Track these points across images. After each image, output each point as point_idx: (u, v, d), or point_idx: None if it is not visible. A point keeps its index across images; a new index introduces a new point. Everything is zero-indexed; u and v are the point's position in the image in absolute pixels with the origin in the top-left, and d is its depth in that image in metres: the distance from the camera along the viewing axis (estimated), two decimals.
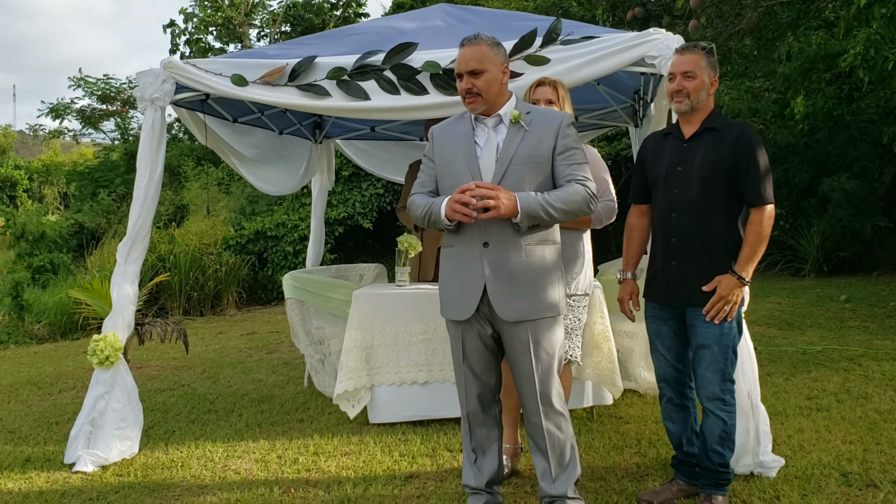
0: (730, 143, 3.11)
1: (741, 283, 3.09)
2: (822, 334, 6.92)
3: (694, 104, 3.16)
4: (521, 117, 2.94)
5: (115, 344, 4.07)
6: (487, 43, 2.93)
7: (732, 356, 3.17)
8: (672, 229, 3.19)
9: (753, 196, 3.09)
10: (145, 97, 4.01)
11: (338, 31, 4.75)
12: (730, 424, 3.18)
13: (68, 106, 18.18)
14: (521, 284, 2.92)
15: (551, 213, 2.84)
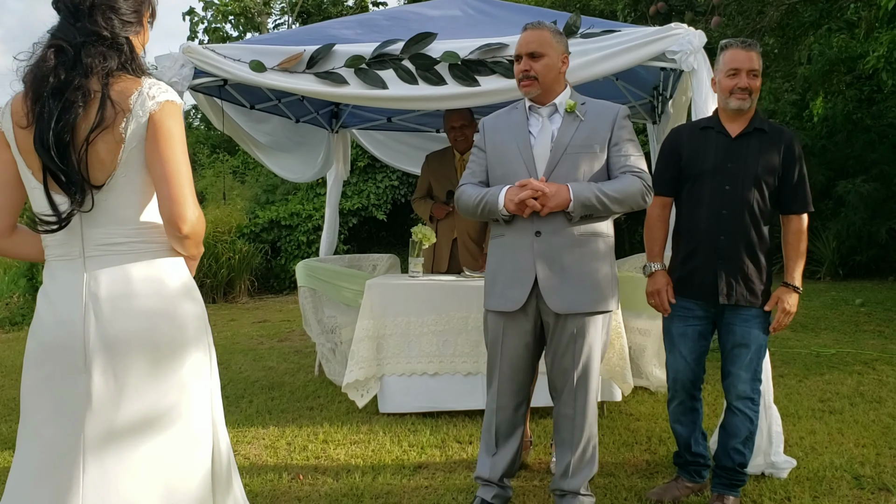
0: (781, 149, 3.08)
1: (796, 292, 3.13)
2: (836, 337, 6.87)
3: (752, 102, 3.12)
4: (577, 107, 2.92)
5: None
6: (550, 30, 2.93)
7: (763, 357, 3.17)
8: (722, 228, 3.09)
9: (800, 203, 3.11)
10: (164, 81, 4.01)
11: (357, 17, 4.74)
12: (755, 425, 3.17)
13: None
14: (573, 276, 2.88)
15: (605, 204, 2.80)
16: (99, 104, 1.80)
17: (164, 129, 1.84)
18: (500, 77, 3.77)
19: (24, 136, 1.85)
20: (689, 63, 3.69)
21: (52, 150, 1.79)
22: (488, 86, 3.79)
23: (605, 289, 2.93)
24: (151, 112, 1.82)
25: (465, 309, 4.39)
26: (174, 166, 1.85)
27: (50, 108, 1.79)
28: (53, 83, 1.80)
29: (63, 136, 1.79)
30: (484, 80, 3.77)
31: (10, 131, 1.89)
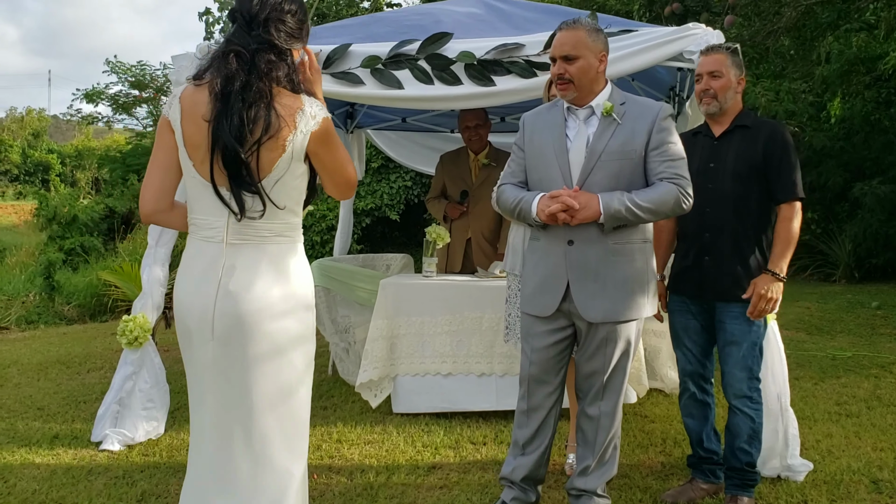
0: (761, 140, 3.14)
1: (777, 279, 3.08)
2: (852, 340, 6.81)
3: (722, 104, 3.18)
4: (615, 109, 2.83)
5: (145, 325, 4.10)
6: (586, 28, 2.82)
7: (759, 354, 3.17)
8: (706, 225, 3.19)
9: (783, 191, 3.12)
10: (180, 81, 4.03)
11: (372, 17, 4.74)
12: (757, 423, 3.17)
13: (102, 91, 18.38)
14: (606, 284, 2.84)
15: (638, 214, 2.72)
16: (266, 112, 2.01)
17: (327, 140, 2.13)
18: (516, 77, 3.77)
19: (193, 131, 2.06)
20: None
21: (237, 144, 1.99)
22: (504, 86, 3.79)
23: (639, 295, 2.91)
24: (313, 131, 2.08)
25: (478, 309, 4.39)
26: (341, 161, 2.20)
27: (235, 106, 1.99)
28: (238, 85, 2.01)
29: (242, 133, 2.00)
30: (500, 80, 3.77)
31: (177, 122, 2.08)
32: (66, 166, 38.00)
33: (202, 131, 2.04)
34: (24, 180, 37.59)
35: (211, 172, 2.05)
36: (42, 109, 45.02)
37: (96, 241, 13.30)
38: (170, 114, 2.11)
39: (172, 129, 2.11)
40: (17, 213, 26.04)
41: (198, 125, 2.05)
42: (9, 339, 8.29)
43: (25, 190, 34.06)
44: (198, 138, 2.05)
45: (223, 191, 2.07)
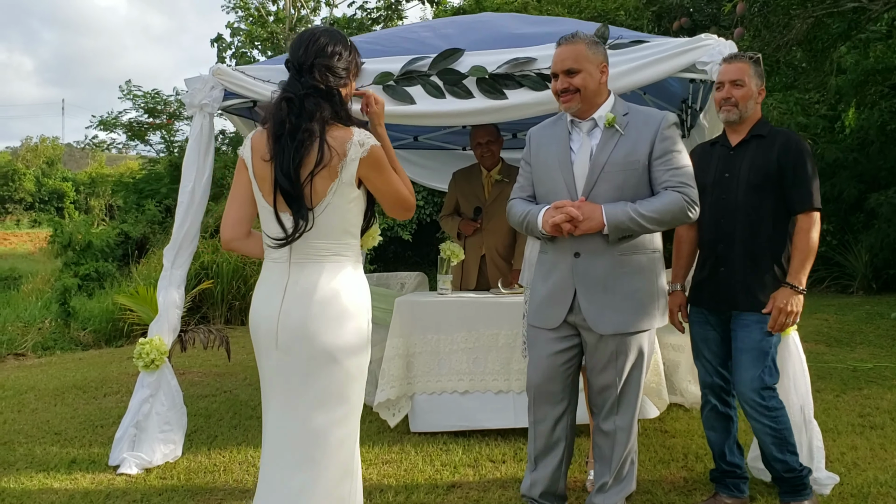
0: (777, 149, 3.11)
1: (796, 292, 3.04)
2: (872, 351, 6.73)
3: (742, 113, 3.17)
4: (617, 120, 2.83)
5: (161, 347, 4.10)
6: (585, 42, 2.84)
7: (771, 364, 3.12)
8: (720, 235, 3.18)
9: (800, 202, 3.08)
10: (194, 103, 4.06)
11: (383, 34, 4.75)
12: (778, 428, 3.10)
13: (116, 118, 18.56)
14: (615, 295, 2.83)
15: (642, 224, 2.71)
16: (318, 146, 2.31)
17: (377, 166, 2.40)
18: (529, 90, 3.77)
19: (261, 166, 2.38)
20: None
21: (289, 178, 2.30)
22: (516, 99, 3.78)
23: (649, 306, 2.88)
24: (362, 157, 2.35)
25: (495, 326, 4.36)
26: (393, 185, 2.46)
27: (287, 146, 2.31)
28: (288, 127, 2.32)
29: (297, 169, 2.30)
30: (512, 94, 3.76)
31: (249, 159, 2.43)
32: (81, 193, 38.38)
33: (266, 168, 2.37)
34: (38, 208, 37.98)
35: (274, 201, 2.37)
36: (56, 138, 45.55)
37: (111, 267, 13.36)
38: (243, 153, 2.47)
39: (246, 167, 2.45)
40: (32, 241, 26.24)
41: (262, 163, 2.38)
42: (25, 365, 8.31)
43: (40, 218, 34.38)
44: (263, 173, 2.38)
45: (284, 216, 2.37)
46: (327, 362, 2.37)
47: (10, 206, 38.60)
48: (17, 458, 4.31)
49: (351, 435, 2.47)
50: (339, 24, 18.88)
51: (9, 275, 16.44)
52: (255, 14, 18.54)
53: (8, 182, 38.69)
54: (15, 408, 5.64)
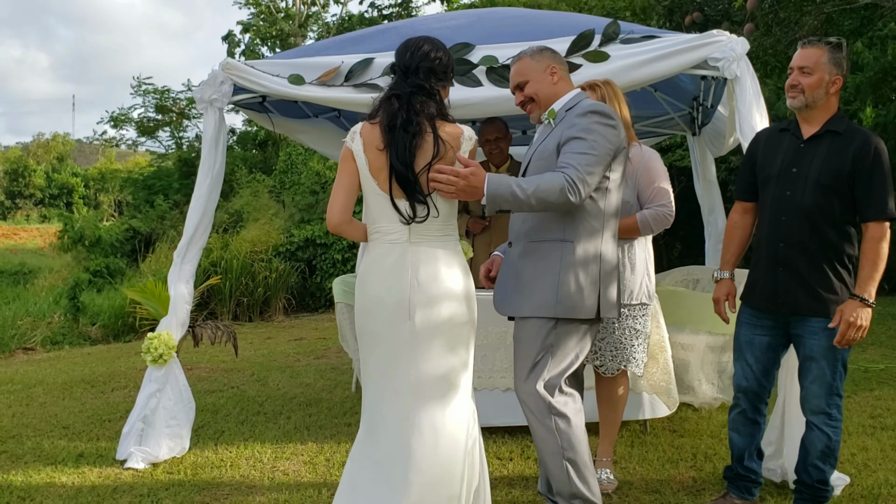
0: (852, 151, 2.91)
1: (865, 305, 2.86)
2: (884, 352, 6.68)
3: (808, 101, 2.97)
4: (558, 114, 2.93)
5: (169, 342, 4.10)
6: (528, 55, 3.02)
7: (842, 370, 3.00)
8: (781, 234, 3.02)
9: (874, 209, 2.90)
10: (204, 99, 4.05)
11: (393, 25, 4.73)
12: (834, 440, 3.02)
13: (127, 115, 18.64)
14: (521, 281, 2.91)
15: (521, 199, 2.63)
16: (434, 140, 2.63)
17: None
18: None
19: (375, 156, 2.65)
20: (732, 70, 3.62)
21: (406, 167, 2.60)
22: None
23: (545, 293, 2.83)
24: (470, 149, 2.72)
25: (503, 324, 4.32)
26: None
27: (401, 137, 2.60)
28: (401, 121, 2.61)
29: (412, 159, 2.61)
30: None
31: (360, 152, 2.68)
32: (90, 189, 38.51)
33: (381, 158, 2.64)
34: (48, 203, 38.13)
35: (390, 188, 2.64)
36: (67, 134, 45.73)
37: (121, 262, 13.40)
38: (352, 146, 2.70)
39: (354, 158, 2.70)
40: (42, 237, 26.34)
41: (376, 153, 2.64)
42: (34, 359, 8.35)
43: (50, 213, 34.53)
44: (379, 163, 2.65)
45: (399, 202, 2.65)
46: (452, 329, 2.71)
47: (20, 201, 38.78)
48: (25, 451, 4.32)
49: (467, 401, 2.80)
50: (352, 22, 18.90)
51: (18, 269, 16.51)
52: (266, 11, 18.57)
53: (18, 178, 38.86)
54: (23, 401, 5.66)
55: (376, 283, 2.73)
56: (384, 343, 2.73)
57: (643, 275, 3.62)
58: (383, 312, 2.71)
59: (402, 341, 2.70)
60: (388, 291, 2.69)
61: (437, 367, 2.70)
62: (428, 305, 2.67)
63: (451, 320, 2.71)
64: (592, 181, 2.72)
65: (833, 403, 3.00)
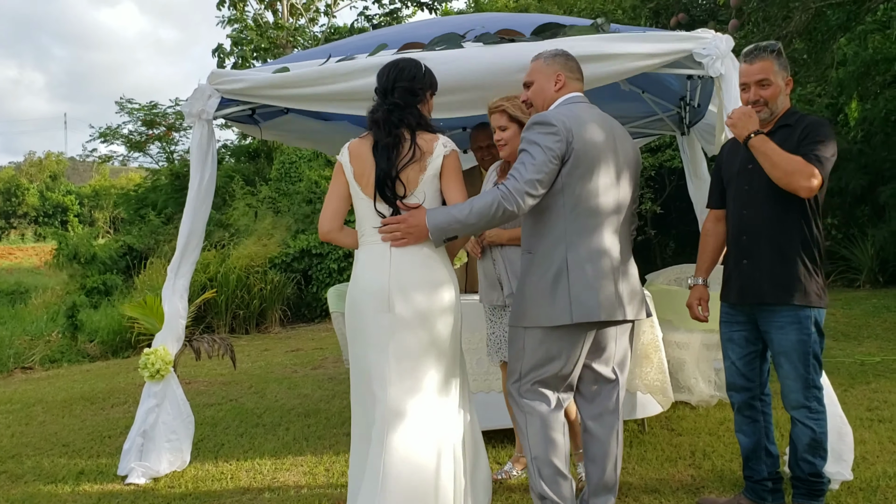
0: (798, 132, 3.01)
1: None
2: (879, 345, 6.71)
3: (773, 110, 3.08)
4: None
5: (166, 357, 4.10)
6: (543, 57, 3.06)
7: (815, 362, 3.02)
8: (744, 227, 3.10)
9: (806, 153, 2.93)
10: (192, 112, 4.06)
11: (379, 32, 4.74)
12: (818, 432, 3.04)
13: (116, 130, 18.63)
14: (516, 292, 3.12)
15: (461, 221, 2.77)
16: (410, 146, 2.85)
17: (451, 167, 2.92)
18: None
19: (359, 164, 2.90)
20: (717, 68, 3.64)
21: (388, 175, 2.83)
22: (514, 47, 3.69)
23: (522, 304, 2.92)
24: (445, 155, 2.89)
25: None
26: (459, 187, 2.92)
27: (384, 148, 2.85)
28: (384, 133, 2.87)
29: (393, 167, 2.83)
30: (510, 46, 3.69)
31: (346, 163, 2.93)
32: (84, 206, 38.48)
33: (364, 165, 2.89)
34: (43, 222, 38.09)
35: (374, 194, 2.87)
36: (60, 153, 45.69)
37: (117, 279, 13.40)
38: (342, 158, 2.96)
39: (343, 170, 2.94)
40: (37, 255, 26.33)
41: (360, 161, 2.90)
42: (33, 378, 8.34)
43: (44, 231, 34.49)
44: (362, 169, 2.89)
45: (381, 206, 2.87)
46: (429, 318, 2.84)
47: (14, 220, 38.72)
48: (25, 470, 4.32)
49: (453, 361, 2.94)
50: (340, 33, 18.93)
51: (15, 289, 16.50)
52: (252, 25, 18.59)
53: (12, 197, 38.81)
54: (23, 420, 5.66)
55: (361, 280, 2.91)
56: (366, 336, 2.88)
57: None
58: (365, 306, 2.87)
59: (382, 333, 2.84)
60: (370, 286, 2.87)
61: (417, 362, 2.83)
62: (406, 299, 2.82)
63: (430, 315, 2.85)
64: (533, 187, 2.75)
65: (811, 396, 3.04)
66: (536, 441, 2.89)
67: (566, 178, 2.81)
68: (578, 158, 2.81)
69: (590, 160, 2.83)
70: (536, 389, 2.91)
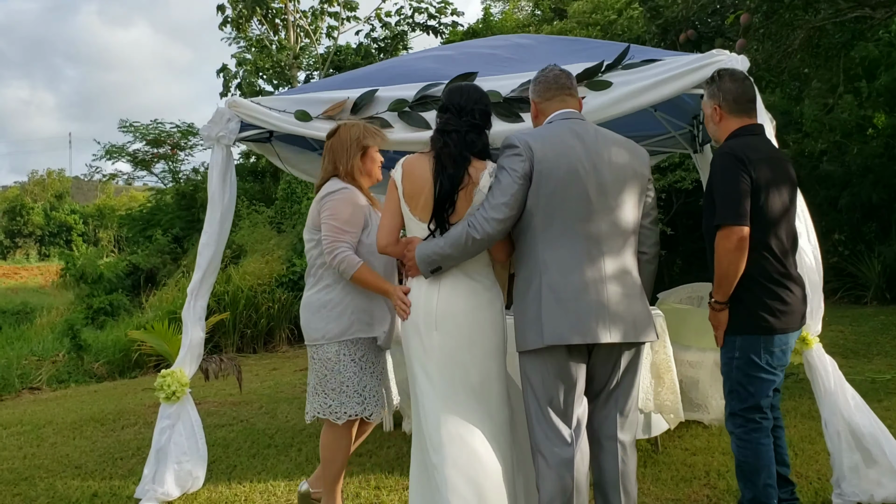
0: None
1: (713, 308, 3.10)
2: (890, 362, 6.69)
3: (714, 136, 3.21)
4: None
5: (182, 380, 4.10)
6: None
7: (738, 388, 3.05)
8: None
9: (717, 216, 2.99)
10: (211, 136, 4.08)
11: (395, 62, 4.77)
12: (738, 458, 3.06)
13: (122, 148, 18.72)
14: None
15: (439, 252, 2.84)
16: (465, 172, 2.88)
17: None
18: None
19: (410, 183, 2.93)
20: None
21: (448, 194, 2.86)
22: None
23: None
24: (490, 186, 2.85)
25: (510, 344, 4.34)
26: None
27: (451, 167, 2.88)
28: (455, 152, 2.89)
29: (454, 187, 2.86)
30: (527, 116, 3.76)
31: (399, 181, 2.94)
32: (89, 226, 38.55)
33: (415, 185, 2.92)
34: (48, 241, 38.14)
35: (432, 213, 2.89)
36: (62, 171, 45.82)
37: (123, 299, 13.42)
38: (395, 175, 2.97)
39: (396, 186, 2.96)
40: (42, 275, 26.35)
41: (411, 181, 2.93)
42: (41, 398, 8.34)
43: (50, 251, 34.53)
44: (412, 190, 2.93)
45: (430, 226, 2.90)
46: (481, 334, 2.91)
47: (19, 240, 38.79)
48: (38, 493, 4.31)
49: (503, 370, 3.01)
50: (344, 53, 19.03)
51: (21, 309, 16.49)
52: (258, 45, 18.69)
53: (17, 216, 38.91)
54: (34, 442, 5.65)
55: (412, 298, 2.99)
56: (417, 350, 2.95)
57: (335, 308, 3.36)
58: (413, 326, 2.94)
59: (430, 348, 2.91)
60: (418, 306, 2.94)
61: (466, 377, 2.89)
62: (452, 318, 2.89)
63: (476, 334, 2.91)
64: (499, 211, 2.76)
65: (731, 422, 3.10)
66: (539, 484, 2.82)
67: (534, 197, 2.77)
68: (542, 176, 2.76)
69: (557, 178, 2.77)
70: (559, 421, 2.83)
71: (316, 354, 3.35)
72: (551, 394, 2.79)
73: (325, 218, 3.28)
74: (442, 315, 2.90)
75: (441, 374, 2.88)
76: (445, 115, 2.98)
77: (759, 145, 3.06)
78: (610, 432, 2.88)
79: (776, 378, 3.06)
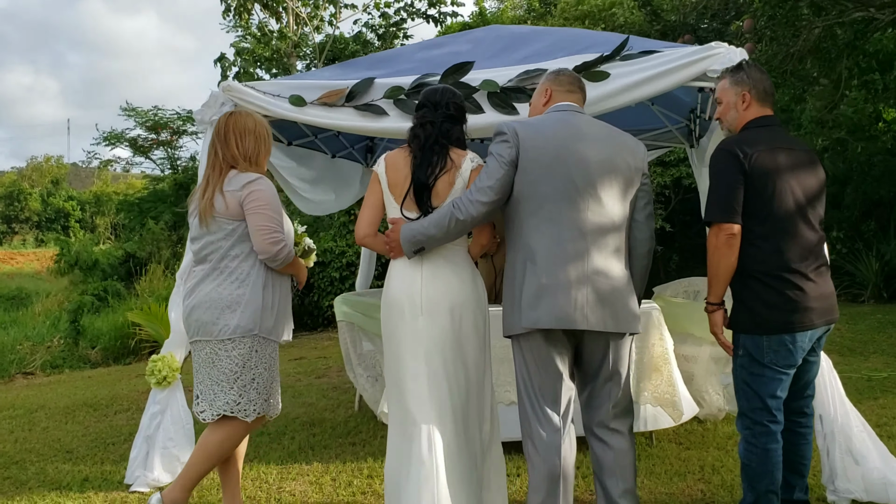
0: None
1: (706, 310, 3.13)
2: (886, 360, 6.69)
3: (729, 126, 3.14)
4: None
5: (173, 364, 4.08)
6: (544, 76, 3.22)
7: (744, 386, 3.02)
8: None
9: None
10: (204, 119, 4.06)
11: (393, 52, 4.75)
12: (742, 463, 3.04)
13: (121, 134, 18.67)
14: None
15: (424, 233, 2.90)
16: (444, 158, 2.99)
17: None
18: None
19: (394, 175, 3.03)
20: None
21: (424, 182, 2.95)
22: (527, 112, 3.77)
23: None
24: (472, 169, 3.01)
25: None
26: None
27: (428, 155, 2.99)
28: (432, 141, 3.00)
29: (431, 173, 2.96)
30: (522, 108, 3.74)
31: (382, 174, 3.06)
32: (86, 212, 38.49)
33: (398, 176, 3.02)
34: (44, 227, 38.10)
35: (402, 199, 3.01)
36: (60, 157, 45.76)
37: (118, 286, 13.39)
38: (378, 169, 3.08)
39: (379, 180, 3.06)
40: (38, 261, 26.30)
41: (395, 172, 3.03)
42: (35, 384, 8.32)
43: (46, 237, 34.48)
44: (396, 180, 3.03)
45: (411, 215, 2.99)
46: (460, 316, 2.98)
47: (16, 225, 38.74)
48: (29, 476, 4.29)
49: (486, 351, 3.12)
50: (342, 42, 18.94)
51: (16, 294, 16.48)
52: (257, 33, 18.60)
53: (14, 202, 38.85)
54: (26, 426, 5.63)
55: (394, 285, 3.06)
56: (400, 340, 3.02)
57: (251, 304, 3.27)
58: (399, 311, 3.01)
59: (413, 332, 2.99)
60: (402, 291, 3.01)
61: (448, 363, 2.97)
62: (436, 302, 2.96)
63: (459, 320, 2.98)
64: (484, 194, 2.81)
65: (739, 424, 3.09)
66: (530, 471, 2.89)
67: (520, 183, 2.81)
68: (528, 161, 2.79)
69: (543, 164, 2.79)
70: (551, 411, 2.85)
71: (225, 350, 3.23)
72: (537, 379, 2.83)
73: (257, 208, 3.17)
74: (427, 300, 2.97)
75: (427, 358, 2.95)
76: (422, 111, 3.10)
77: (762, 138, 2.99)
78: (603, 422, 2.89)
79: (783, 378, 2.96)
